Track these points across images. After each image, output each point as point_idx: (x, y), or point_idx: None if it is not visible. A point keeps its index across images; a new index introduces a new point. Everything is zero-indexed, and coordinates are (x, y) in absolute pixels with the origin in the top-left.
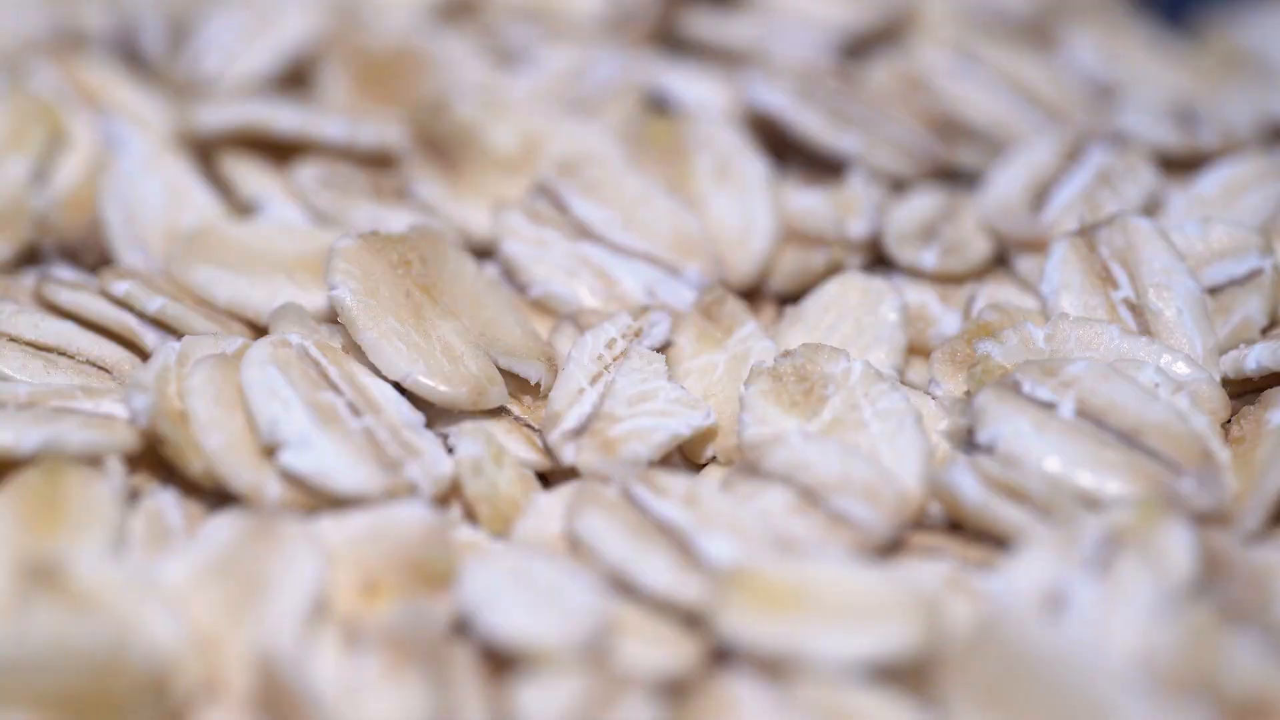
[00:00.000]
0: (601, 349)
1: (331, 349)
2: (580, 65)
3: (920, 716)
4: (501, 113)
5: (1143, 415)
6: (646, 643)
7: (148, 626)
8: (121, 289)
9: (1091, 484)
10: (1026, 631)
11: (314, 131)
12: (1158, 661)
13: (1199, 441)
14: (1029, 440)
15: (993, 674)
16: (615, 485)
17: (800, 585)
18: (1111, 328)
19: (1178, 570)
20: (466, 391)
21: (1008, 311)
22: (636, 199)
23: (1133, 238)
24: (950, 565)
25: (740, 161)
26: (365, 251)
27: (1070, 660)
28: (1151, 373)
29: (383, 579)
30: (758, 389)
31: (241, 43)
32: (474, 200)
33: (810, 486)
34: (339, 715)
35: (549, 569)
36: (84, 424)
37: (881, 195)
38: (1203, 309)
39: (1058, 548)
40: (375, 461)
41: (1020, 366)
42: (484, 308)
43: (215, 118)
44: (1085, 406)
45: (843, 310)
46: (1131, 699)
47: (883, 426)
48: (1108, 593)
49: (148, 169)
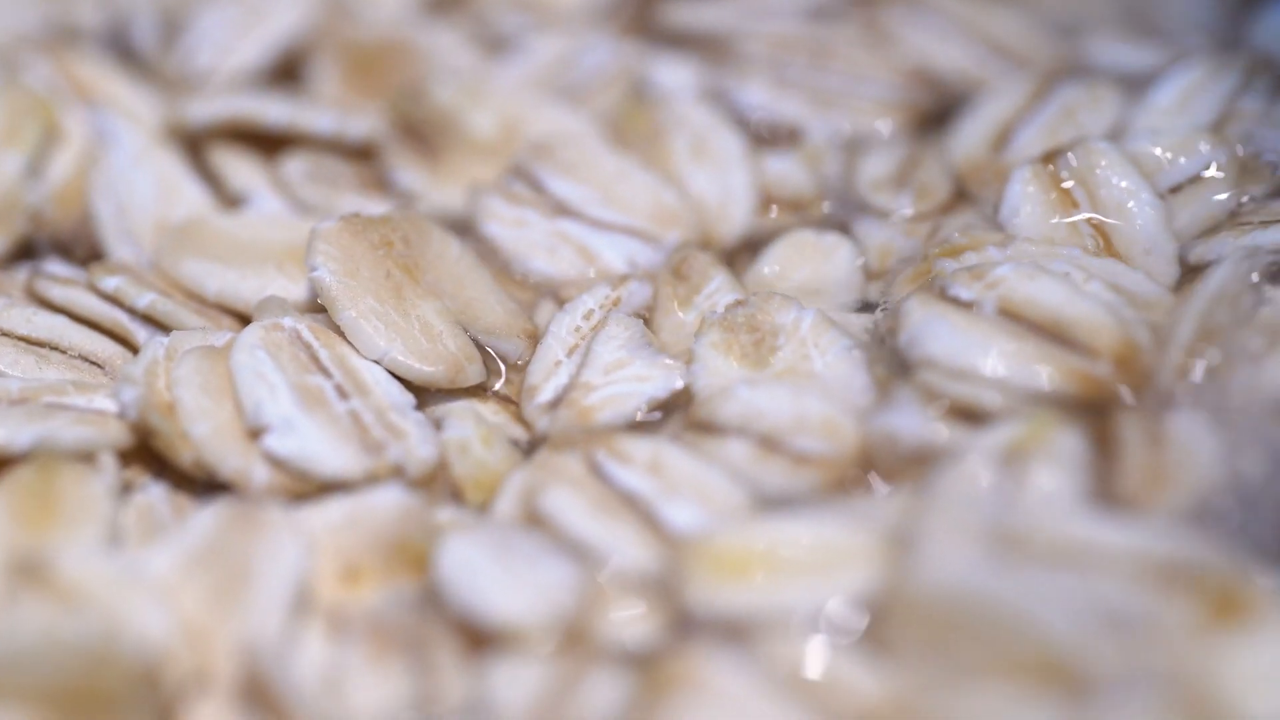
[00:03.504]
0: (579, 320)
1: (325, 332)
2: (569, 54)
3: (882, 665)
4: (481, 98)
5: (1065, 309)
6: (616, 615)
7: (136, 620)
8: (111, 285)
9: (1008, 377)
10: (959, 569)
11: (303, 124)
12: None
13: (1123, 330)
14: (946, 339)
15: (934, 617)
16: (579, 457)
17: (760, 547)
18: (1072, 249)
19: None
20: (444, 369)
21: (972, 236)
22: (613, 175)
23: (1091, 160)
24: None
25: (716, 138)
26: (346, 233)
27: (1009, 596)
28: (1065, 264)
29: (364, 564)
30: (708, 341)
31: (233, 37)
32: (455, 186)
33: (767, 433)
34: (321, 706)
35: (526, 544)
36: (76, 420)
37: (845, 148)
38: (1164, 222)
39: (971, 469)
40: (358, 444)
41: (951, 274)
42: (466, 287)
43: (205, 111)
44: (1006, 304)
45: (800, 263)
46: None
47: (833, 372)
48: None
49: (138, 163)
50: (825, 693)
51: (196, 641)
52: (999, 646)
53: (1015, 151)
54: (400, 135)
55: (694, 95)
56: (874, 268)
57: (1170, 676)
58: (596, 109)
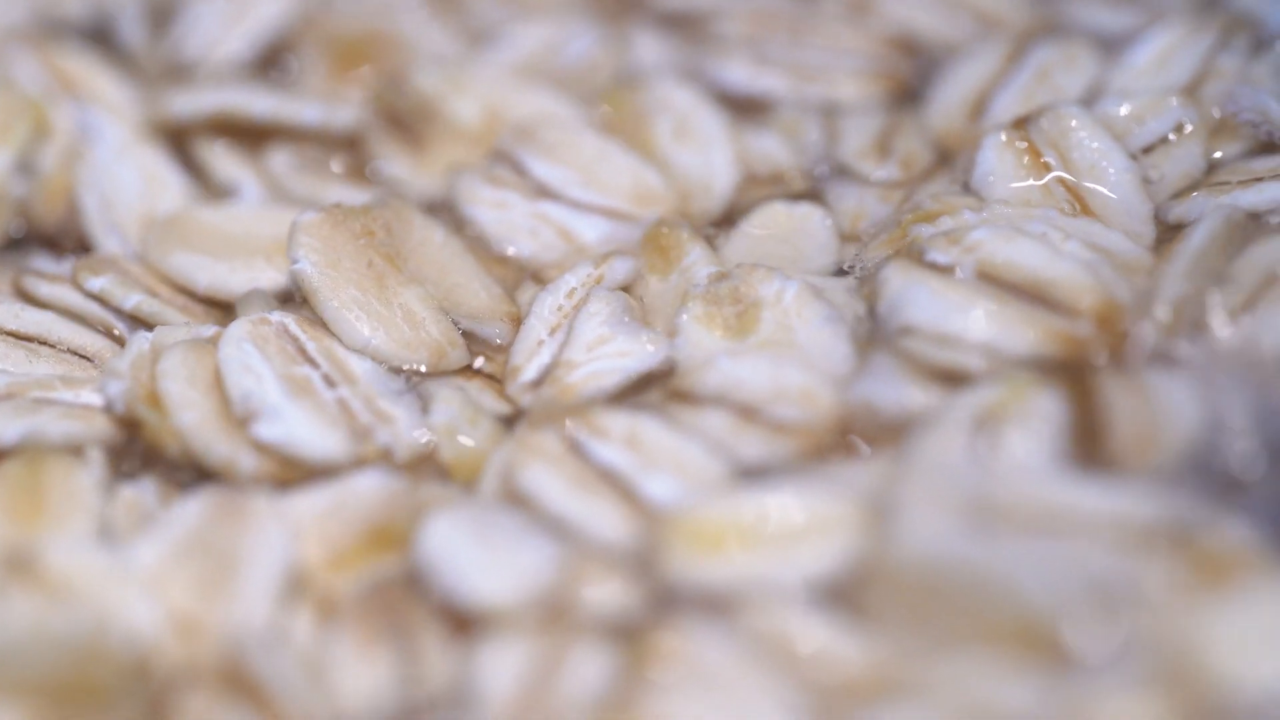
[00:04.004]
0: (562, 299)
1: (312, 324)
2: (553, 42)
3: (863, 635)
4: (463, 85)
5: (1044, 270)
6: (597, 591)
7: (124, 612)
8: (96, 286)
9: (989, 340)
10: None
11: (288, 116)
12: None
13: (1104, 289)
14: (926, 304)
15: (914, 586)
16: (556, 433)
17: (739, 519)
18: (1048, 210)
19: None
20: (426, 356)
21: (944, 201)
22: (595, 157)
23: (1062, 124)
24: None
25: (698, 118)
26: (327, 224)
27: (989, 563)
28: (1041, 224)
29: (350, 549)
30: (691, 314)
31: (221, 28)
32: (439, 173)
33: (745, 402)
34: (307, 694)
35: (507, 523)
36: (64, 415)
37: (825, 119)
38: (1137, 183)
39: (948, 434)
40: (346, 430)
41: (928, 238)
42: (450, 273)
43: (190, 105)
44: (985, 267)
45: (775, 233)
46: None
47: (815, 342)
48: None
49: (122, 157)
50: (807, 663)
51: (184, 632)
52: (980, 614)
53: (993, 118)
54: (384, 124)
55: (676, 76)
56: (846, 230)
57: (1154, 642)
58: (580, 93)
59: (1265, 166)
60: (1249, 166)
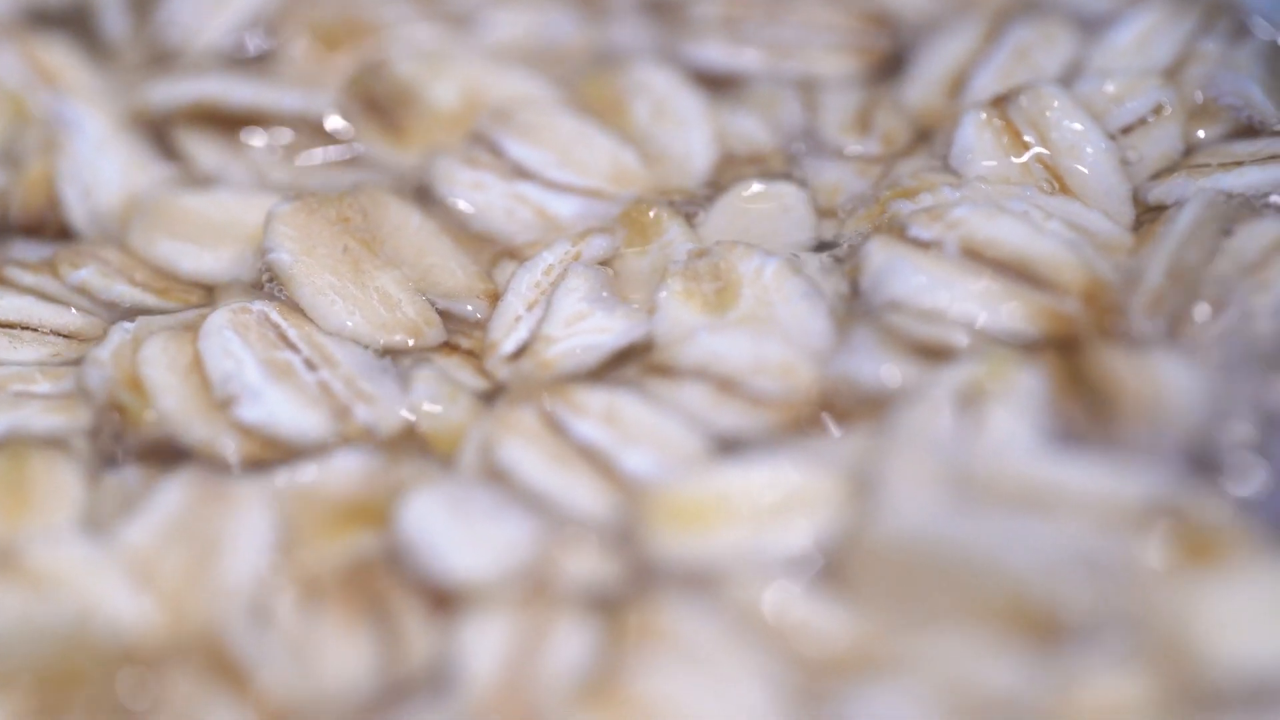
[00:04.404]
0: (539, 276)
1: (293, 311)
2: (532, 27)
3: (847, 610)
4: (442, 70)
5: (1028, 248)
6: (577, 566)
7: (108, 601)
8: (78, 279)
9: (976, 317)
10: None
11: (269, 104)
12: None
13: (1088, 267)
14: (911, 280)
15: (900, 563)
16: (534, 409)
17: (720, 495)
18: (1027, 188)
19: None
20: (402, 336)
21: (922, 178)
22: (572, 138)
23: (1041, 103)
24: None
25: (676, 98)
26: (302, 213)
27: (976, 540)
28: (1022, 203)
29: (331, 528)
30: (670, 290)
31: (203, 15)
32: (419, 157)
33: (726, 375)
34: (290, 675)
35: (486, 498)
36: (46, 408)
37: (802, 95)
38: (1115, 164)
39: (931, 410)
40: (328, 409)
41: (909, 214)
42: (426, 255)
43: (169, 95)
44: (969, 244)
45: (753, 211)
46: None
47: (794, 317)
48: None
49: (103, 148)
50: (789, 638)
51: (168, 618)
52: (966, 591)
53: (972, 95)
54: (364, 110)
55: (654, 58)
56: (823, 205)
57: (1141, 619)
58: (559, 77)
59: (1245, 150)
60: (1229, 149)
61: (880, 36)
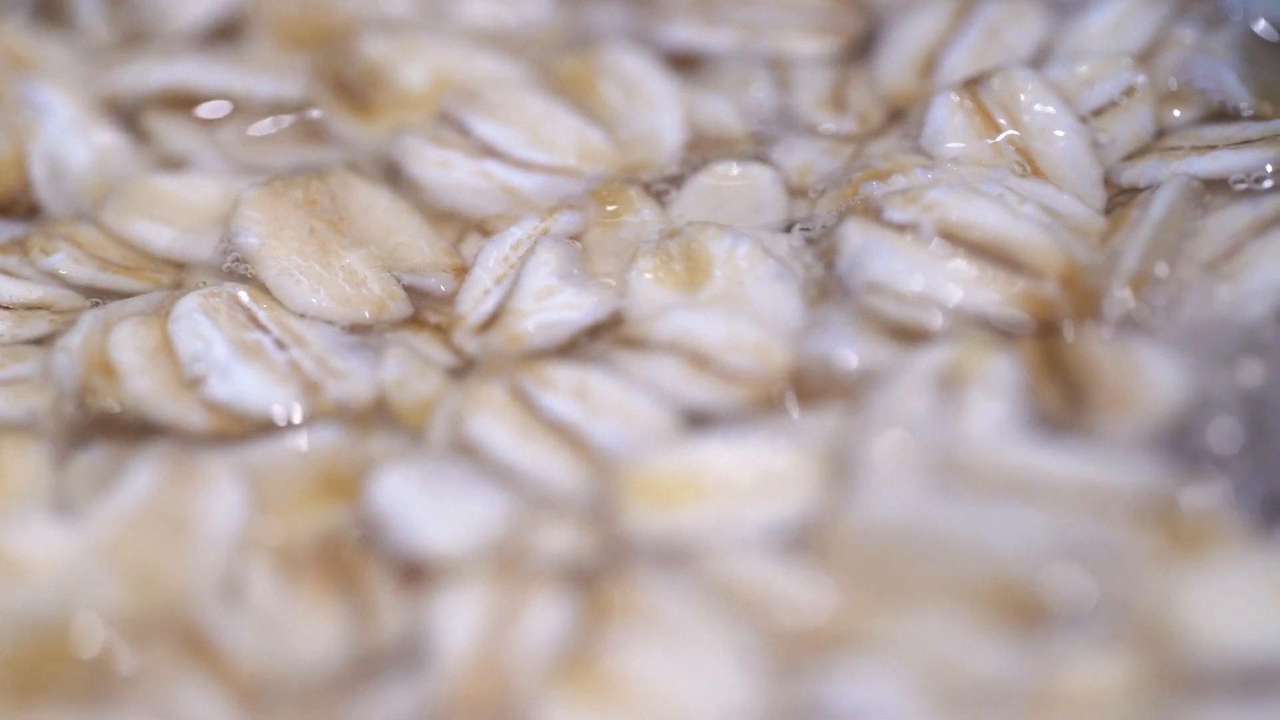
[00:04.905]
0: (507, 251)
1: (262, 293)
2: (506, 9)
3: (824, 588)
4: (412, 52)
5: (1006, 232)
6: (551, 538)
7: (81, 585)
8: (50, 264)
9: (955, 299)
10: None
11: (239, 89)
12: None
13: (1065, 251)
14: (889, 262)
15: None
16: (503, 383)
17: (695, 471)
18: (1000, 170)
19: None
20: (368, 312)
21: (893, 160)
22: (539, 117)
23: (1013, 86)
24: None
25: (647, 82)
26: (269, 197)
27: (959, 526)
28: (996, 185)
29: (302, 504)
30: (640, 269)
31: None
32: (389, 138)
33: (699, 350)
34: (262, 652)
35: (457, 472)
36: (14, 395)
37: (773, 76)
38: (1087, 147)
39: (908, 393)
40: (297, 385)
41: (883, 196)
42: (394, 233)
43: (140, 81)
44: (945, 227)
45: (724, 193)
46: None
47: (766, 299)
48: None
49: (73, 131)
50: (767, 614)
51: (140, 596)
52: (948, 573)
53: (943, 75)
54: (334, 91)
55: (627, 41)
56: (794, 184)
57: (1125, 603)
58: (531, 59)
59: (1218, 133)
60: (1201, 133)
61: (852, 17)
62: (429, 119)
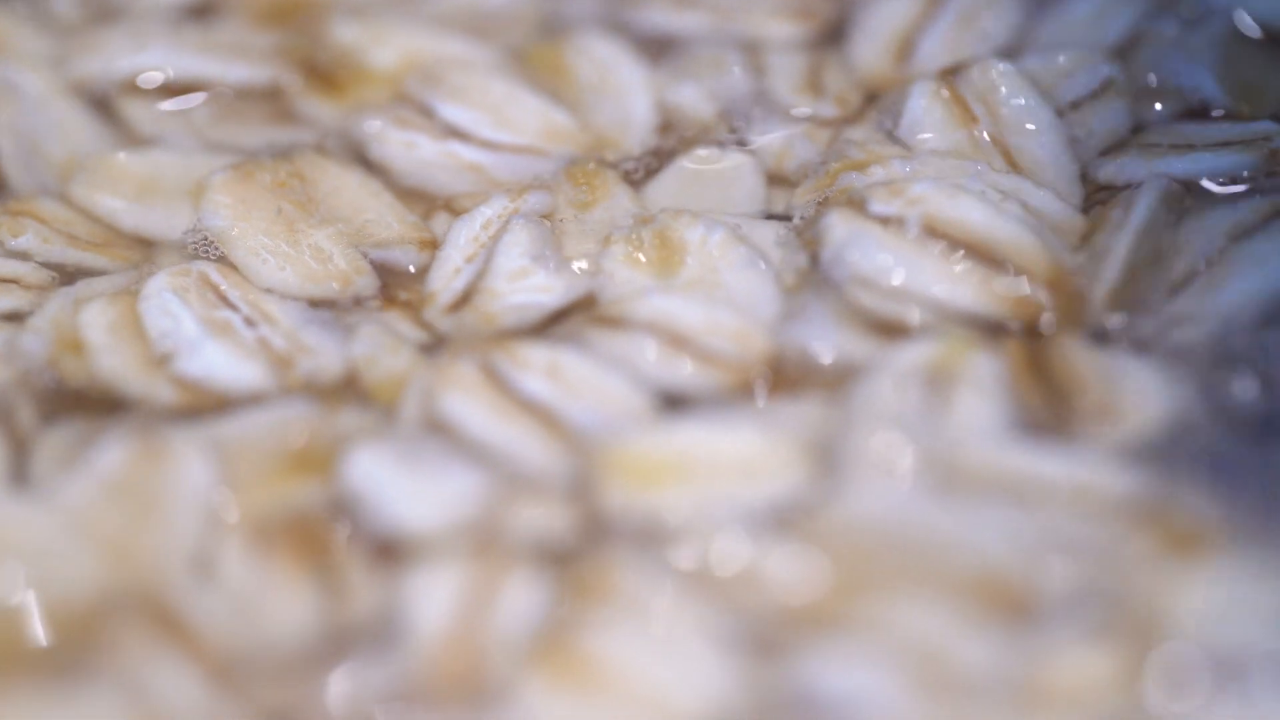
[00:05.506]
0: (478, 230)
1: (232, 272)
2: None
3: (806, 575)
4: (383, 36)
5: (992, 231)
6: (527, 516)
7: (50, 559)
8: (19, 245)
9: (940, 296)
10: None
11: (212, 75)
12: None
13: (1050, 253)
14: (875, 256)
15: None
16: (475, 362)
17: (676, 453)
18: (978, 164)
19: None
20: (336, 286)
21: (870, 150)
22: (504, 99)
23: (991, 79)
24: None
25: (617, 68)
26: (236, 180)
27: (948, 526)
28: (976, 180)
29: (273, 480)
30: (614, 254)
31: None
32: (354, 118)
33: (677, 331)
34: (234, 630)
35: (431, 450)
36: None
37: (746, 59)
38: (1064, 143)
39: (891, 388)
40: (266, 361)
41: (866, 188)
42: (363, 212)
43: (110, 68)
44: (931, 222)
45: (701, 180)
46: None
47: (741, 286)
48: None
49: (42, 110)
50: (745, 597)
51: (110, 574)
52: (934, 566)
53: (920, 62)
54: (305, 73)
55: (598, 27)
56: (771, 169)
57: (1113, 599)
58: (503, 44)
59: (1196, 132)
60: (1179, 130)
61: (825, 1)
62: (391, 100)
